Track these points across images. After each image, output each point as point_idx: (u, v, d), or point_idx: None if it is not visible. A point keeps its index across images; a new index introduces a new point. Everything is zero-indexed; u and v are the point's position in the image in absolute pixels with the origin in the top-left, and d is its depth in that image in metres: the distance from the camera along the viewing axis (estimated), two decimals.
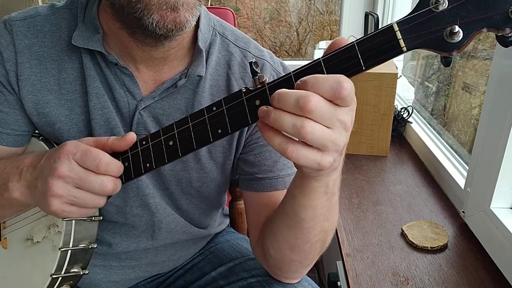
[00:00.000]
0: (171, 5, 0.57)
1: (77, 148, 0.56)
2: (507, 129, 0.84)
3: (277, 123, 0.45)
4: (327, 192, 0.58)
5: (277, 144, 0.46)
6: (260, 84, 0.49)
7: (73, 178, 0.56)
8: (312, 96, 0.43)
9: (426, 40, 0.43)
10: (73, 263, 0.66)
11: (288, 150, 0.45)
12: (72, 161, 0.56)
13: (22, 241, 0.72)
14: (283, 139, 0.46)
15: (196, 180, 0.76)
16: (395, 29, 0.43)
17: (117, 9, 0.60)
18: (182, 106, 0.72)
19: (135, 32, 0.63)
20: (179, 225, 0.81)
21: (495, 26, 0.41)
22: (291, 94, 0.44)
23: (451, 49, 0.43)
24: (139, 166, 0.59)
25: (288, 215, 0.63)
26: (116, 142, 0.59)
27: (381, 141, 1.39)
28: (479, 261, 0.90)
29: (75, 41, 0.68)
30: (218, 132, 0.52)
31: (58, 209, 0.57)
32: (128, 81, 0.70)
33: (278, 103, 0.45)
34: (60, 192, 0.56)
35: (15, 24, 0.70)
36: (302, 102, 0.43)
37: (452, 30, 0.42)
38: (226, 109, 0.51)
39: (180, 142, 0.55)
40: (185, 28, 0.60)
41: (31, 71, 0.69)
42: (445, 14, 0.42)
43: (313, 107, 0.43)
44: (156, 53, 0.67)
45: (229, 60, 0.74)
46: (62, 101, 0.70)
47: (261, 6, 2.52)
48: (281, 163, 0.74)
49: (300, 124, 0.44)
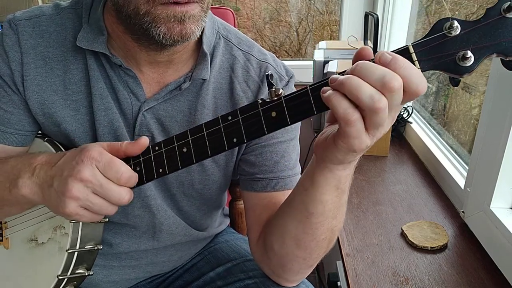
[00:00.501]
0: (178, 18, 0.58)
1: (101, 157, 0.57)
2: (507, 129, 0.84)
3: (354, 89, 0.44)
4: (338, 187, 0.58)
5: (343, 109, 0.45)
6: (276, 96, 0.51)
7: (94, 184, 0.57)
8: (397, 76, 0.44)
9: (439, 63, 0.45)
10: (79, 264, 0.67)
11: (353, 118, 0.45)
12: (95, 168, 0.57)
13: (25, 241, 0.72)
14: (351, 105, 0.45)
15: (198, 182, 0.77)
16: (410, 51, 0.46)
17: (124, 17, 0.61)
18: (185, 109, 0.72)
19: (140, 38, 0.63)
20: (180, 227, 0.81)
21: (504, 52, 0.44)
22: (378, 67, 0.45)
23: (462, 73, 0.45)
24: (151, 171, 0.60)
25: (298, 209, 0.63)
26: (130, 147, 0.60)
27: (381, 141, 1.39)
28: (479, 261, 0.90)
29: (79, 42, 0.68)
30: (234, 141, 0.54)
31: (72, 211, 0.58)
32: (131, 83, 0.70)
33: (360, 71, 0.45)
34: (79, 195, 0.57)
35: (21, 23, 0.69)
36: (388, 79, 0.43)
37: (465, 55, 0.44)
38: (242, 119, 0.53)
39: (194, 149, 0.57)
40: (191, 39, 0.61)
41: (36, 71, 0.69)
42: (457, 39, 0.45)
43: (396, 88, 0.43)
44: (161, 57, 0.67)
45: (233, 64, 0.74)
46: (67, 102, 0.71)
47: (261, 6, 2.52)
48: (282, 164, 0.74)
49: (378, 97, 0.44)
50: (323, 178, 0.57)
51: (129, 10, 0.59)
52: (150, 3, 0.57)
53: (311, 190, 0.59)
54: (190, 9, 0.58)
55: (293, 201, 0.65)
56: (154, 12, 0.58)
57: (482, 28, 0.44)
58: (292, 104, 0.50)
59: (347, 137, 0.47)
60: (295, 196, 0.64)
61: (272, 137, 0.73)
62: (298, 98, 0.50)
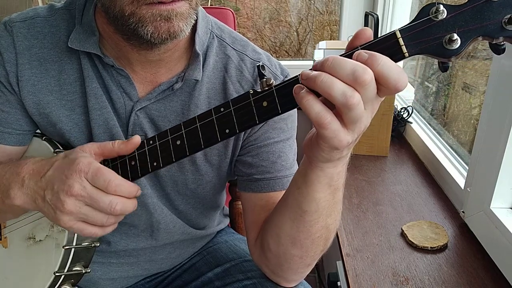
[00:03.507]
0: (164, 16, 0.57)
1: (89, 167, 0.57)
2: (507, 129, 0.84)
3: (326, 86, 0.44)
4: (331, 185, 0.58)
5: (315, 112, 0.45)
6: (267, 87, 0.52)
7: (85, 197, 0.57)
8: (368, 70, 0.43)
9: (426, 47, 0.46)
10: (76, 261, 0.67)
11: (325, 121, 0.45)
12: (84, 180, 0.57)
13: (24, 240, 0.72)
14: (323, 107, 0.45)
15: (192, 182, 0.77)
16: (397, 36, 0.46)
17: (111, 18, 0.61)
18: (178, 109, 0.72)
19: (130, 38, 0.63)
20: (177, 226, 0.81)
21: (490, 34, 0.44)
22: (349, 62, 0.44)
23: (449, 55, 0.45)
24: (146, 165, 0.61)
25: (292, 208, 0.63)
26: (123, 147, 0.61)
27: (381, 141, 1.39)
28: (479, 261, 0.90)
29: (71, 43, 0.68)
30: (226, 132, 0.54)
31: (67, 224, 0.58)
32: (124, 83, 0.70)
33: (331, 67, 0.44)
34: (72, 209, 0.57)
35: (15, 25, 0.70)
36: (359, 73, 0.43)
37: (451, 38, 0.44)
38: (234, 110, 0.54)
39: (188, 141, 0.57)
40: (179, 37, 0.60)
41: (31, 72, 0.70)
42: (444, 23, 0.45)
43: (367, 82, 0.43)
44: (152, 56, 0.67)
45: (226, 64, 0.74)
46: (62, 102, 0.71)
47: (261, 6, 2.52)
48: (279, 164, 0.74)
49: (351, 93, 0.43)
50: (315, 176, 0.57)
51: (115, 11, 0.59)
52: (134, 4, 0.57)
53: (304, 188, 0.59)
54: (176, 7, 0.58)
55: (287, 200, 0.65)
56: (139, 13, 0.57)
57: (468, 11, 0.44)
58: (283, 93, 0.50)
59: (325, 137, 0.47)
60: (289, 195, 0.64)
61: (268, 137, 0.73)
62: (288, 86, 0.50)
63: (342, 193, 0.63)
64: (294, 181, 0.62)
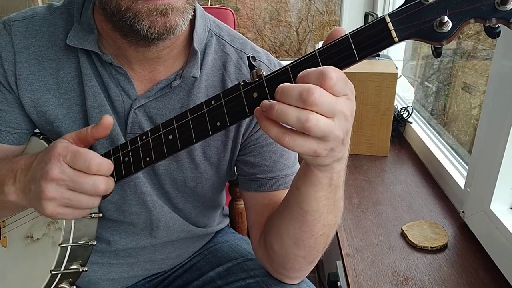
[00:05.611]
0: (160, 11, 0.57)
1: (67, 150, 0.56)
2: (507, 129, 0.84)
3: (281, 117, 0.45)
4: (331, 184, 0.58)
5: (274, 135, 0.47)
6: (257, 77, 0.51)
7: (65, 180, 0.56)
8: (314, 88, 0.43)
9: (416, 31, 0.45)
10: (73, 259, 0.66)
11: (285, 140, 0.46)
12: (63, 163, 0.56)
13: (22, 239, 0.72)
14: (280, 129, 0.47)
15: (191, 180, 0.77)
16: (387, 21, 0.45)
17: (109, 14, 0.61)
18: (176, 106, 0.72)
19: (127, 35, 0.63)
20: (177, 224, 0.81)
21: (482, 16, 0.43)
22: (294, 87, 0.45)
23: (440, 39, 0.44)
24: (139, 160, 0.60)
25: (293, 208, 0.63)
26: (95, 130, 0.59)
27: (381, 141, 1.39)
28: (479, 261, 0.90)
29: (69, 41, 0.68)
30: (217, 125, 0.53)
31: (53, 212, 0.57)
32: (122, 81, 0.70)
33: (281, 97, 0.45)
34: (53, 195, 0.56)
35: (14, 24, 0.70)
36: (306, 95, 0.43)
37: (441, 21, 0.43)
38: (225, 102, 0.53)
39: (179, 136, 0.56)
40: (176, 32, 0.60)
41: (29, 70, 0.70)
42: (434, 5, 0.44)
43: (316, 100, 0.43)
44: (150, 53, 0.67)
45: (225, 61, 0.74)
46: (60, 100, 0.71)
47: (261, 6, 2.52)
48: (281, 163, 0.74)
49: (305, 117, 0.44)
50: (315, 177, 0.57)
51: (112, 6, 0.59)
52: None
53: (304, 189, 0.59)
54: (172, 1, 0.58)
55: (288, 201, 0.65)
56: (135, 7, 0.57)
57: None
58: (273, 83, 0.50)
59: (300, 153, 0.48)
60: (290, 196, 0.64)
61: (269, 137, 0.73)
62: (278, 76, 0.49)
63: (343, 190, 0.62)
64: (294, 183, 0.62)
